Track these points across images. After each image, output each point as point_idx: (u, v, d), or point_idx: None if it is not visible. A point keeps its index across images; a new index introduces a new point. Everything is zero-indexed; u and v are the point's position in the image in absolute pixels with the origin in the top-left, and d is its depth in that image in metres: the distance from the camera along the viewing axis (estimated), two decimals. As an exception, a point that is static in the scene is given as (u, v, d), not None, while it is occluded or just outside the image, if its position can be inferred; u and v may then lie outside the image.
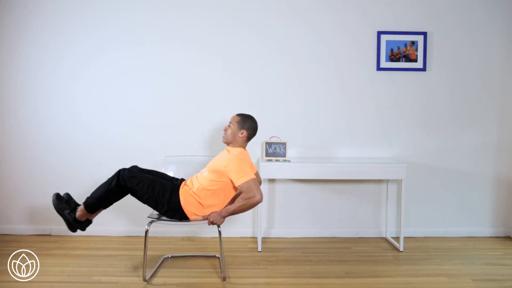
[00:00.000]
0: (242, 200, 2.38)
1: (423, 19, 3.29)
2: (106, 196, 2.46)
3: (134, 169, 2.54)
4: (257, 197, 2.35)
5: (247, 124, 2.63)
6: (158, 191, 2.46)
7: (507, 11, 3.30)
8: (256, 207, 3.24)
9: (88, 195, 2.51)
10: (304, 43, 3.29)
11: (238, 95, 3.30)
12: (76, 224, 2.53)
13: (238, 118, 2.64)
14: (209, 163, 2.62)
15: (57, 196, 2.54)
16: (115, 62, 3.28)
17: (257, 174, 2.81)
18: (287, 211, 3.37)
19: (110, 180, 2.48)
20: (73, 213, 2.52)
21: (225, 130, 2.66)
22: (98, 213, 2.57)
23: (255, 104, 3.29)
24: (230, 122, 2.66)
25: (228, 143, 2.66)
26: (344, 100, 3.33)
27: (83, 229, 2.58)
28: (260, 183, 2.82)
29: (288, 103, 3.32)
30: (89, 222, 2.59)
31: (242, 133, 2.62)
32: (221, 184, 2.50)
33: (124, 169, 2.50)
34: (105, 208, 2.54)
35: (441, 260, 2.86)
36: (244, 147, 2.67)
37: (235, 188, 2.52)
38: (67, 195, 2.62)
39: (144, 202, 2.51)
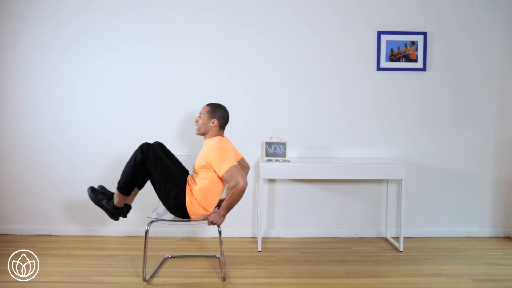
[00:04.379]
0: (229, 190, 2.38)
1: (423, 19, 3.29)
2: (135, 172, 2.44)
3: (157, 145, 2.60)
4: (241, 183, 2.34)
5: (218, 113, 2.62)
6: (170, 185, 2.46)
7: (507, 11, 3.30)
8: (256, 207, 3.25)
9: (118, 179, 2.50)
10: (304, 43, 3.29)
11: (238, 95, 3.30)
12: (117, 211, 2.52)
13: (208, 108, 2.63)
14: (194, 163, 2.61)
15: (92, 189, 2.55)
16: (115, 62, 3.28)
17: (242, 160, 2.82)
18: (287, 211, 3.37)
19: (135, 155, 2.45)
20: (111, 201, 2.52)
21: (196, 121, 2.65)
22: (135, 195, 2.57)
23: (255, 104, 3.29)
24: (200, 113, 2.65)
25: (201, 134, 2.65)
26: (344, 100, 3.33)
27: (125, 215, 2.57)
28: (247, 168, 2.84)
29: (288, 103, 3.32)
30: (128, 207, 2.59)
31: (213, 123, 2.60)
32: (209, 178, 2.49)
33: (147, 143, 2.48)
34: (139, 187, 2.54)
35: (441, 260, 2.86)
36: (221, 135, 2.66)
37: (222, 179, 2.51)
38: (101, 187, 2.63)
39: (153, 186, 2.50)
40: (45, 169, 3.32)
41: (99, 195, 2.53)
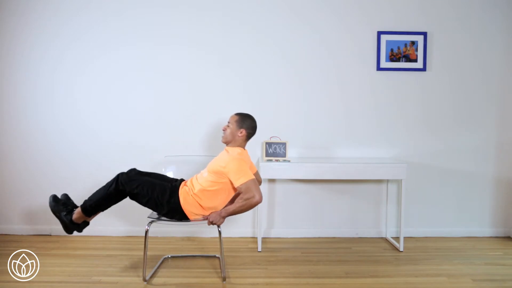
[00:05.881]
0: (242, 200, 2.37)
1: (423, 19, 3.29)
2: (104, 200, 2.46)
3: (133, 173, 2.54)
4: (256, 198, 2.35)
5: (246, 124, 2.62)
6: (158, 193, 2.45)
7: (507, 11, 3.30)
8: (256, 207, 3.25)
9: (86, 198, 2.50)
10: (304, 43, 3.29)
11: (238, 95, 3.30)
12: (73, 226, 2.52)
13: (236, 117, 2.62)
14: (209, 164, 2.61)
15: (54, 198, 2.54)
16: (115, 62, 3.28)
17: (257, 174, 2.80)
18: (287, 211, 3.37)
19: (109, 185, 2.47)
20: (70, 215, 2.50)
21: (224, 130, 2.64)
22: (96, 215, 2.56)
23: (255, 104, 3.29)
24: (228, 122, 2.64)
25: (227, 143, 2.65)
26: (344, 100, 3.33)
27: (80, 230, 2.57)
28: (260, 182, 2.82)
29: (288, 103, 3.32)
30: (86, 223, 2.58)
31: (241, 132, 2.60)
32: (221, 185, 2.49)
33: (122, 173, 2.49)
34: (103, 211, 2.53)
35: (441, 260, 2.86)
36: (243, 146, 2.66)
37: (235, 189, 2.51)
38: (65, 196, 2.61)
39: (144, 205, 2.50)
40: (45, 169, 3.32)
41: (59, 206, 2.51)
